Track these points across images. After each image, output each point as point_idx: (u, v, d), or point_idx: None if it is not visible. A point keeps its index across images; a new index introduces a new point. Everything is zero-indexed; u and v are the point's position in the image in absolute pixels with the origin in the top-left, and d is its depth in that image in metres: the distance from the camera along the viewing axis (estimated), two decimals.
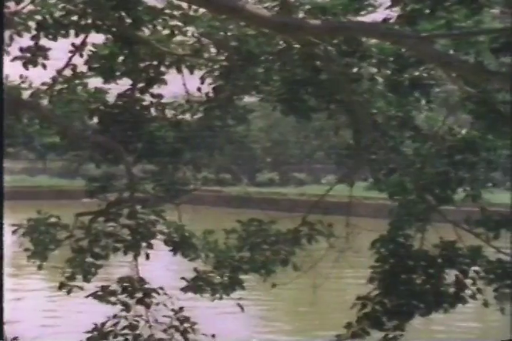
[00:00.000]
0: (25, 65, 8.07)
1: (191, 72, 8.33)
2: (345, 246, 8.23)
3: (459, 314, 8.03)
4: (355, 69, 7.74)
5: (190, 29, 8.17)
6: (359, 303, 7.52)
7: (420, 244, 7.66)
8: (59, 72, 8.41)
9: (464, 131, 7.85)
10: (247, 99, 8.82)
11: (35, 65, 8.08)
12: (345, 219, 8.34)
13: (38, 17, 7.86)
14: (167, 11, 7.99)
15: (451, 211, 7.89)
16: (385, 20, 6.55)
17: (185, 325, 8.21)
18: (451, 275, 7.48)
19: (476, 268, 7.40)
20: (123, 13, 7.54)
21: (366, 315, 7.42)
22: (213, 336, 8.34)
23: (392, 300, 7.34)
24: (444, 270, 7.46)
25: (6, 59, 7.13)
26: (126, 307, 8.09)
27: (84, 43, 8.06)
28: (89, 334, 7.96)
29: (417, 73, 7.43)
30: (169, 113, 8.62)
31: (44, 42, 7.98)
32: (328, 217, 8.48)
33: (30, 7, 7.90)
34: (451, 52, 7.14)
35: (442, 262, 7.45)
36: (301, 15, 7.46)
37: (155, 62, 8.25)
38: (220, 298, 8.27)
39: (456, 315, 8.20)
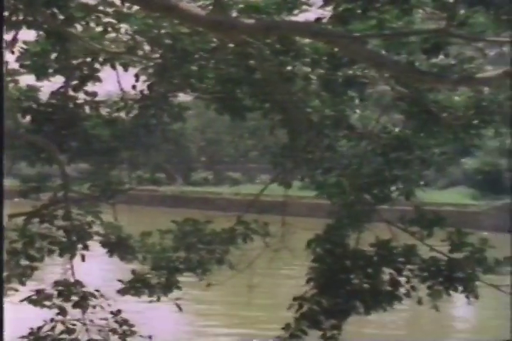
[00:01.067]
0: None
1: (125, 70, 8.23)
2: (281, 246, 8.24)
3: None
4: (289, 68, 7.74)
5: (124, 26, 8.07)
6: (296, 304, 7.53)
7: (356, 243, 7.70)
8: None
9: (397, 130, 7.93)
10: (183, 98, 8.77)
11: None
12: (281, 219, 8.35)
13: None
14: (100, 8, 7.87)
15: (385, 210, 7.96)
16: (318, 19, 6.56)
17: (124, 327, 8.13)
18: (387, 273, 7.54)
19: (411, 266, 7.46)
20: (55, 10, 7.39)
21: (303, 315, 7.43)
22: (150, 337, 8.28)
23: (329, 300, 7.36)
24: (381, 269, 7.52)
25: None
26: (62, 311, 7.96)
27: (15, 40, 7.88)
28: (25, 340, 7.81)
29: (350, 72, 7.46)
30: (104, 111, 8.51)
31: None
32: (264, 216, 8.48)
33: None
34: (384, 52, 7.19)
35: (378, 261, 7.50)
36: (234, 14, 7.43)
37: (88, 60, 8.13)
38: (158, 299, 8.21)
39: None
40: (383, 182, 7.66)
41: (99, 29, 7.98)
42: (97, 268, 18.28)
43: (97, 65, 8.17)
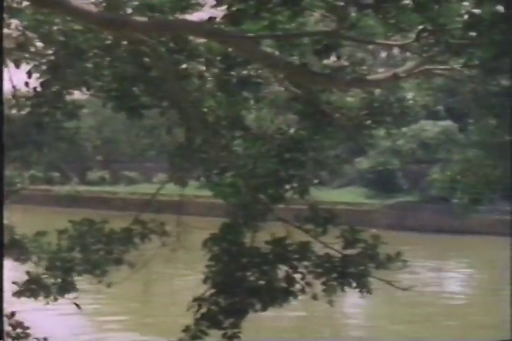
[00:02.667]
0: None
1: (17, 66, 8.05)
2: (178, 245, 8.24)
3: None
4: (183, 67, 7.74)
5: (14, 22, 7.90)
6: (195, 304, 7.52)
7: (252, 242, 7.77)
8: None
9: (292, 131, 8.04)
10: (79, 96, 8.65)
11: None
12: (177, 218, 8.35)
13: None
14: None
15: (281, 209, 8.06)
16: (211, 19, 6.58)
17: (18, 330, 7.96)
18: (282, 270, 7.63)
19: (306, 262, 7.58)
20: None
21: (203, 315, 7.43)
22: (45, 339, 8.15)
23: (227, 299, 7.39)
24: (277, 266, 7.60)
25: None
26: None
27: None
28: None
29: (244, 73, 7.52)
30: None
31: None
32: (161, 215, 8.46)
33: None
34: (277, 53, 7.28)
35: (274, 258, 7.58)
36: (128, 11, 7.39)
37: None
38: (55, 300, 8.09)
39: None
40: (278, 182, 7.76)
41: None
42: None
43: None
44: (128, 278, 8.33)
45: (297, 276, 7.46)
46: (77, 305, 8.45)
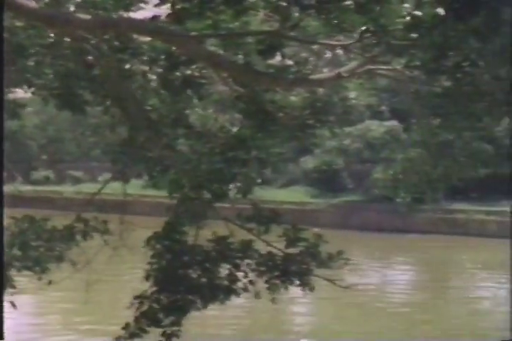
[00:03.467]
0: None
1: None
2: (120, 243, 8.21)
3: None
4: (127, 66, 7.71)
5: None
6: (136, 302, 7.51)
7: (195, 240, 7.78)
8: None
9: (235, 129, 8.07)
10: (23, 95, 8.54)
11: None
12: (120, 217, 8.31)
13: None
14: None
15: (225, 207, 8.07)
16: (154, 17, 6.57)
17: None
18: (225, 269, 7.66)
19: (248, 261, 7.62)
20: None
21: (143, 313, 7.42)
22: None
23: (168, 296, 7.40)
24: (219, 264, 7.63)
25: None
26: None
27: None
28: None
29: (188, 72, 7.52)
30: None
31: None
32: (105, 214, 8.41)
33: None
34: (221, 52, 7.31)
35: (216, 256, 7.60)
36: (71, 8, 7.33)
37: None
38: None
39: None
40: (221, 181, 7.77)
41: None
42: None
43: None
44: (71, 276, 8.27)
45: (240, 274, 7.50)
46: (13, 304, 8.34)
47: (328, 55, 9.29)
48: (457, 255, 30.43)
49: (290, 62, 7.85)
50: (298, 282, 7.48)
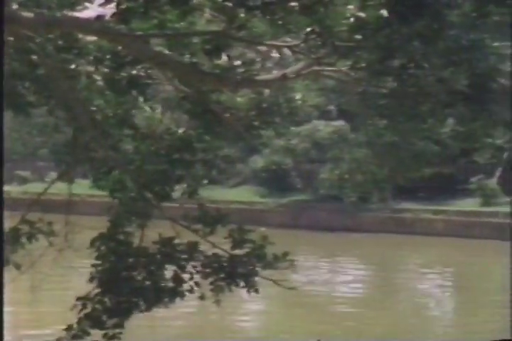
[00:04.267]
0: None
1: None
2: (65, 245, 8.10)
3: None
4: (72, 66, 7.61)
5: None
6: (80, 304, 7.42)
7: (140, 241, 7.71)
8: None
9: (181, 131, 8.02)
10: None
11: None
12: (66, 218, 8.21)
13: None
14: None
15: (172, 208, 8.02)
16: (99, 17, 6.49)
17: None
18: (170, 270, 7.61)
19: (194, 262, 7.58)
20: None
21: (87, 315, 7.34)
22: None
23: (112, 298, 7.32)
24: (164, 266, 7.57)
25: None
26: None
27: None
28: None
29: (134, 72, 7.45)
30: None
31: None
32: (51, 215, 8.29)
33: None
34: (167, 52, 7.26)
35: (162, 258, 7.55)
36: (15, 7, 7.21)
37: None
38: None
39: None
40: (165, 181, 7.72)
41: None
42: None
43: None
44: (16, 278, 8.13)
45: (185, 276, 7.45)
46: None
47: (276, 56, 9.29)
48: (405, 253, 30.77)
49: (236, 63, 7.83)
50: (243, 284, 7.46)
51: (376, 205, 34.07)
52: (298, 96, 8.43)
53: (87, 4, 7.45)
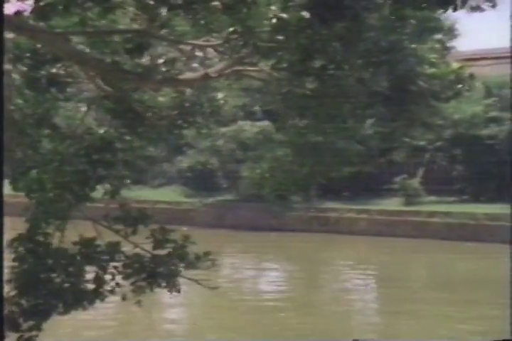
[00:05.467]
0: None
1: None
2: None
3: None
4: None
5: None
6: None
7: (59, 242, 7.59)
8: None
9: (102, 131, 7.92)
10: None
11: None
12: None
13: None
14: None
15: (93, 207, 7.92)
16: (18, 13, 6.36)
17: None
18: (91, 272, 7.51)
19: (115, 263, 7.49)
20: None
21: (2, 317, 7.18)
22: None
23: (29, 301, 7.18)
24: (84, 267, 7.47)
25: None
26: None
27: None
28: None
29: (54, 70, 7.34)
30: None
31: None
32: None
33: None
34: (88, 50, 7.17)
35: (82, 259, 7.44)
36: None
37: None
38: None
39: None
40: (85, 182, 7.61)
41: None
42: None
43: None
44: None
45: (106, 277, 7.37)
46: None
47: (200, 55, 9.28)
48: (329, 252, 31.09)
49: (159, 62, 7.80)
50: (165, 284, 7.42)
51: (301, 204, 34.34)
52: (220, 95, 8.44)
53: None
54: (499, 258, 27.40)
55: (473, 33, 77.86)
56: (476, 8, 6.18)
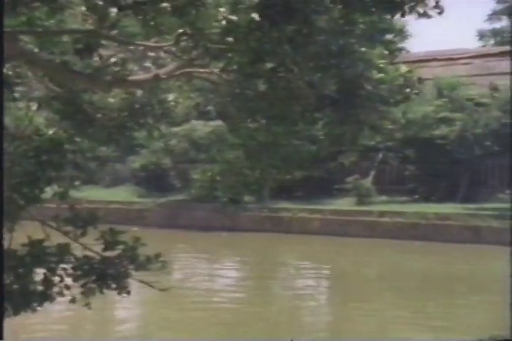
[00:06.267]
0: None
1: None
2: None
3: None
4: None
5: None
6: None
7: (9, 244, 7.50)
8: None
9: (51, 132, 7.85)
10: None
11: None
12: None
13: None
14: None
15: (47, 209, 7.85)
16: None
17: None
18: (40, 274, 7.44)
19: (64, 265, 7.43)
20: None
21: None
22: None
23: None
24: (33, 269, 7.39)
25: None
26: None
27: None
28: None
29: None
30: None
31: None
32: None
33: None
34: (36, 50, 7.10)
35: (31, 261, 7.36)
36: None
37: None
38: None
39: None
40: (34, 183, 7.54)
41: None
42: None
43: None
44: None
45: (55, 279, 7.30)
46: None
47: (152, 56, 9.25)
48: (281, 252, 31.23)
49: (109, 63, 7.75)
50: (114, 286, 7.38)
51: (254, 205, 34.41)
52: (171, 97, 8.42)
53: None
54: (450, 257, 27.81)
55: (426, 35, 78.88)
56: (424, 15, 6.26)
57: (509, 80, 35.76)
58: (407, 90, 7.51)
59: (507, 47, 44.98)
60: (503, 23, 59.88)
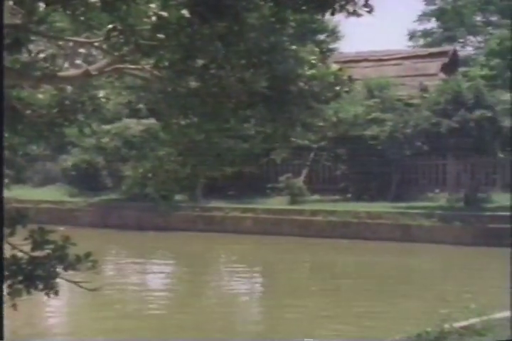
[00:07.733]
0: None
1: None
2: None
3: None
4: None
5: None
6: None
7: None
8: None
9: None
10: None
11: None
12: None
13: None
14: None
15: None
16: None
17: None
18: None
19: None
20: None
21: None
22: None
23: None
24: None
25: None
26: None
27: None
28: None
29: None
30: None
31: None
32: None
33: None
34: None
35: None
36: None
37: None
38: None
39: None
40: None
41: None
42: None
43: None
44: None
45: None
46: None
47: (83, 52, 9.13)
48: (213, 250, 31.19)
49: (38, 58, 7.63)
50: (42, 286, 7.25)
51: (186, 204, 34.28)
52: (102, 93, 8.33)
53: None
54: (381, 255, 28.20)
55: (357, 35, 79.85)
56: (354, 13, 6.33)
57: (438, 81, 36.45)
58: (338, 88, 7.57)
59: (436, 49, 45.94)
60: (433, 24, 61.07)
